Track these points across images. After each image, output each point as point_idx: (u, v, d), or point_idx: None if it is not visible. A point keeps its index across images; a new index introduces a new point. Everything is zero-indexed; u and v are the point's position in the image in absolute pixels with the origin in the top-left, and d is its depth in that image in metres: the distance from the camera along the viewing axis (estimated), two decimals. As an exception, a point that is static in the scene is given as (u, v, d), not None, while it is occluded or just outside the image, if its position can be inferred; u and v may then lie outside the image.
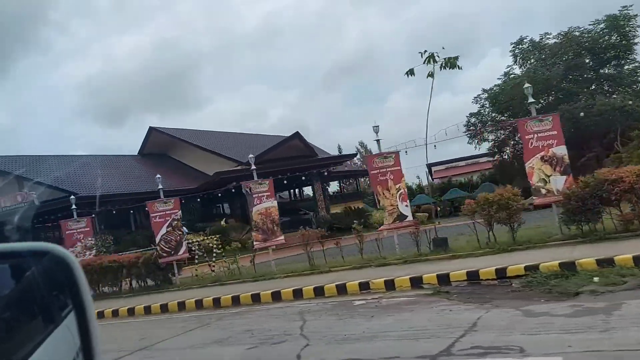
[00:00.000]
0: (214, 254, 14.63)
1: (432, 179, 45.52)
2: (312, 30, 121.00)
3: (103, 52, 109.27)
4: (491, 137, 38.35)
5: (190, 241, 15.59)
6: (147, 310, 11.90)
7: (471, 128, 36.46)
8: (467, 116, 41.67)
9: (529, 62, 35.00)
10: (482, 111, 40.21)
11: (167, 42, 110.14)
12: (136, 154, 40.32)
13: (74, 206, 18.65)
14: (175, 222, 13.94)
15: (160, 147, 39.29)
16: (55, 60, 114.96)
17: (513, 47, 35.43)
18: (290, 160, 30.02)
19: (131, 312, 12.06)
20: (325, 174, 32.74)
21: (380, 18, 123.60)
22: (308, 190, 42.93)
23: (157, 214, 13.99)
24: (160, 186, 15.81)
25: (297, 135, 31.79)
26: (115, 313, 12.22)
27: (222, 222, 28.76)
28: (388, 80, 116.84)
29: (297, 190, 44.55)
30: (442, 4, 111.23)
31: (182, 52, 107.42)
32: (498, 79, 35.97)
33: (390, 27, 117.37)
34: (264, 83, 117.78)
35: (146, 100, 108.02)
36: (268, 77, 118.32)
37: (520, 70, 34.93)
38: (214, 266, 14.30)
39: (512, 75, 34.47)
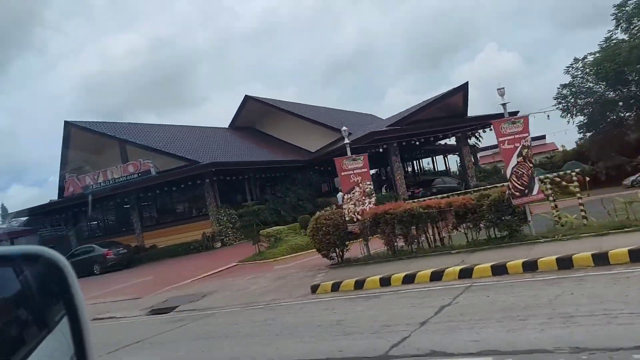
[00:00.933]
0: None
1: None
2: (308, 27, 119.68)
3: (99, 52, 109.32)
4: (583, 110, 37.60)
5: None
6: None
7: (562, 101, 35.44)
8: (558, 87, 40.73)
9: (634, 26, 33.65)
10: (575, 82, 39.08)
11: (163, 41, 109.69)
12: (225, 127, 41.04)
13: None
14: (526, 150, 10.70)
15: (251, 120, 39.76)
16: (51, 60, 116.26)
17: (615, 10, 34.06)
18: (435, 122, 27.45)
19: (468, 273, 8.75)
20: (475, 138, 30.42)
21: (375, 13, 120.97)
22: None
23: (505, 138, 10.72)
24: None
25: (462, 87, 27.54)
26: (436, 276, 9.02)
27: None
28: (386, 76, 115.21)
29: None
30: (434, 1, 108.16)
31: (178, 51, 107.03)
32: (598, 45, 34.74)
33: (386, 23, 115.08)
34: (259, 81, 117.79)
35: (142, 99, 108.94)
36: (263, 75, 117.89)
37: (625, 35, 33.62)
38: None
39: (615, 41, 33.27)
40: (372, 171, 38.22)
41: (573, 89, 38.78)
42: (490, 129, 35.78)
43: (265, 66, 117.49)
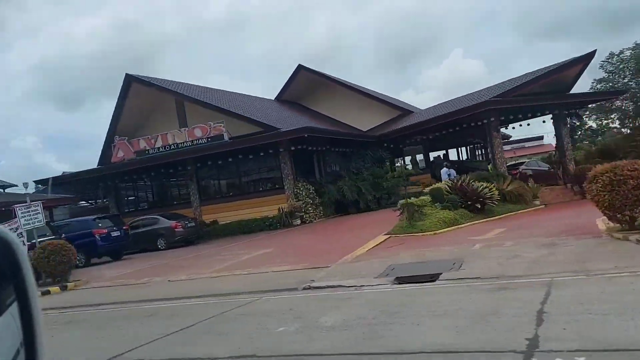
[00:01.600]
0: None
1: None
2: (279, 20, 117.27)
3: (60, 33, 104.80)
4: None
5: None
6: None
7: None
8: (592, 82, 39.70)
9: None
10: (611, 77, 38.11)
11: (129, 25, 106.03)
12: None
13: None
14: None
15: (297, 94, 36.92)
16: (9, 40, 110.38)
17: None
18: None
19: None
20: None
21: (346, 11, 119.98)
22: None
23: None
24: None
25: (587, 57, 24.10)
26: None
27: (490, 167, 24.00)
28: (354, 75, 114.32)
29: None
30: (408, 2, 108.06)
31: (144, 36, 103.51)
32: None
33: (356, 21, 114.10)
34: (227, 72, 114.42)
35: (105, 84, 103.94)
36: (231, 66, 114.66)
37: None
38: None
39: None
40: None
41: (609, 84, 37.72)
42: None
43: (234, 58, 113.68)
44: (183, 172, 26.03)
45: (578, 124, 30.73)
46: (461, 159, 37.54)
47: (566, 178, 23.85)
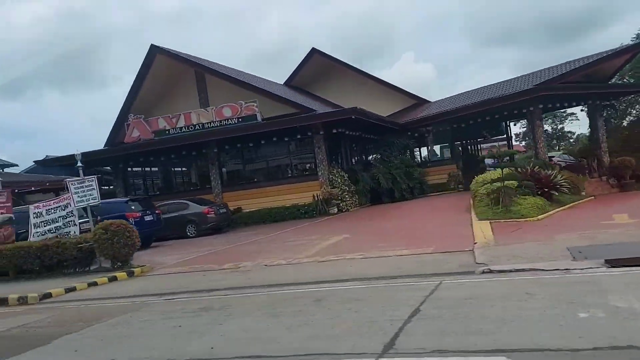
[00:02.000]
0: None
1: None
2: (232, 14, 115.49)
3: (1, 17, 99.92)
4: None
5: None
6: None
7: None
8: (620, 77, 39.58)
9: None
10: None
11: (75, 14, 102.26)
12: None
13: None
14: None
15: (306, 80, 35.24)
16: None
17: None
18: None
19: None
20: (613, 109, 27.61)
21: (301, 9, 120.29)
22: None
23: None
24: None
25: (633, 47, 23.31)
26: None
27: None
28: None
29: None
30: (362, 3, 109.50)
31: (90, 25, 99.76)
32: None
33: (311, 20, 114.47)
34: None
35: (46, 73, 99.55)
36: None
37: None
38: None
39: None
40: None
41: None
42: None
43: (184, 51, 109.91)
44: (206, 155, 24.14)
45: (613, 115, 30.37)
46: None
47: (601, 170, 23.43)
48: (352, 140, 26.60)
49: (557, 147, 54.21)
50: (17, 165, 28.82)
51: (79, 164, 14.03)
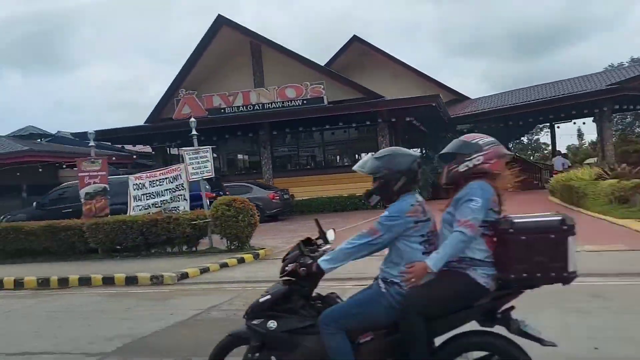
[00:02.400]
0: None
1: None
2: (206, 7, 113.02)
3: None
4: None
5: None
6: None
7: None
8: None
9: None
10: None
11: None
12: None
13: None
14: None
15: (347, 66, 33.69)
16: None
17: None
18: None
19: None
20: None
21: (274, 5, 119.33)
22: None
23: None
24: None
25: None
26: None
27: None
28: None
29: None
30: (334, 4, 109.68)
31: (56, 4, 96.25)
32: None
33: (284, 17, 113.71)
34: (143, 54, 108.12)
35: (7, 54, 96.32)
36: (148, 48, 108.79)
37: None
38: None
39: None
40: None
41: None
42: None
43: (152, 39, 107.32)
44: (259, 137, 22.91)
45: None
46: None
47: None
48: (407, 131, 25.68)
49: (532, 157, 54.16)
50: (53, 135, 27.08)
51: (92, 142, 13.08)
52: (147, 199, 11.96)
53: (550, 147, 56.62)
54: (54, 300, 8.29)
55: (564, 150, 34.69)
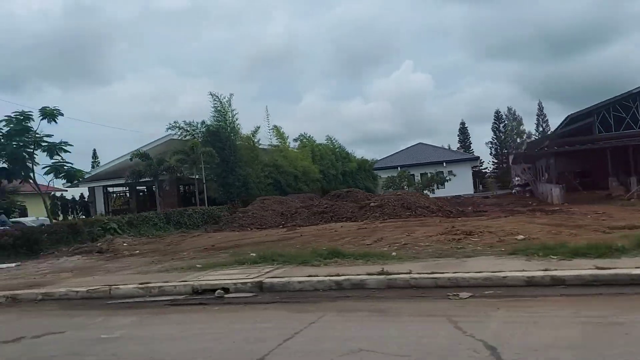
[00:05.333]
0: None
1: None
2: (236, 16, 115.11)
3: (3, 7, 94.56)
4: None
5: None
6: None
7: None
8: None
9: None
10: None
11: (80, 6, 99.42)
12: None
13: None
14: None
15: None
16: None
17: None
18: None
19: None
20: None
21: (303, 14, 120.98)
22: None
23: None
24: None
25: None
26: None
27: None
28: (305, 80, 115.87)
29: None
30: (362, 11, 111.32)
31: (95, 20, 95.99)
32: None
33: (313, 25, 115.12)
34: (173, 66, 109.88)
35: (46, 68, 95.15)
36: (178, 60, 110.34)
37: None
38: None
39: None
40: None
41: None
42: None
43: (181, 52, 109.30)
44: None
45: None
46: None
47: None
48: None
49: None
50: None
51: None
52: None
53: None
54: None
55: None
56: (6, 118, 18.29)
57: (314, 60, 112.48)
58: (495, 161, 77.44)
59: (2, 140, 18.07)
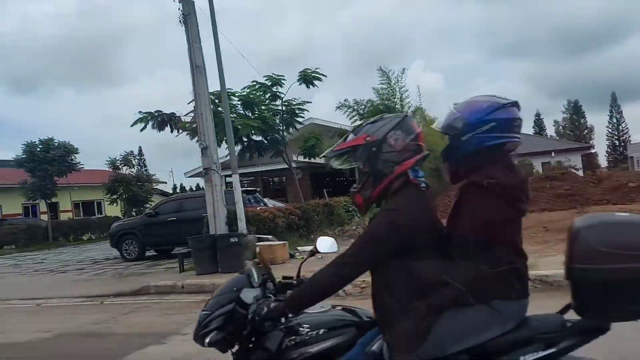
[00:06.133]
0: None
1: None
2: (251, 16, 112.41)
3: (19, 10, 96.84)
4: None
5: None
6: None
7: None
8: None
9: None
10: None
11: (96, 8, 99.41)
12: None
13: None
14: None
15: None
16: None
17: None
18: None
19: None
20: None
21: (319, 14, 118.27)
22: None
23: None
24: None
25: None
26: None
27: None
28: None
29: None
30: (378, 10, 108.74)
31: (111, 22, 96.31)
32: None
33: (328, 25, 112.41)
34: (184, 67, 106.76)
35: (62, 70, 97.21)
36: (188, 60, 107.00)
37: None
38: None
39: None
40: None
41: None
42: None
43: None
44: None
45: None
46: None
47: None
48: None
49: None
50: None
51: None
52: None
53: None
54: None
55: None
56: (254, 83, 16.68)
57: (328, 61, 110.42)
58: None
59: (255, 108, 16.44)
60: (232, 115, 14.41)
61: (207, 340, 2.37)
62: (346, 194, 18.12)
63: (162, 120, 15.72)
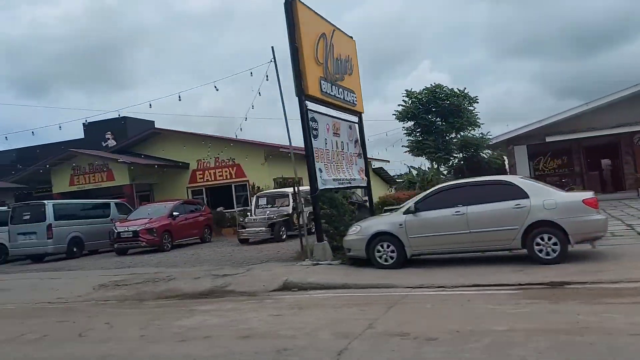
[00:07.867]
0: None
1: None
2: (261, 17, 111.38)
3: (28, 13, 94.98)
4: None
5: None
6: None
7: None
8: None
9: None
10: None
11: (107, 10, 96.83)
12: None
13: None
14: None
15: None
16: None
17: None
18: None
19: None
20: None
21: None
22: None
23: None
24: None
25: None
26: None
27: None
28: None
29: None
30: (386, 10, 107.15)
31: (121, 25, 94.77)
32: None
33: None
34: (192, 72, 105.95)
35: (71, 72, 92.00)
36: (198, 64, 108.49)
37: None
38: None
39: None
40: None
41: None
42: None
43: (204, 57, 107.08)
44: None
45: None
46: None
47: None
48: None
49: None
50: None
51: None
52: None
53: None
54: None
55: None
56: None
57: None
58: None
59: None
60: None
61: None
62: None
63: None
